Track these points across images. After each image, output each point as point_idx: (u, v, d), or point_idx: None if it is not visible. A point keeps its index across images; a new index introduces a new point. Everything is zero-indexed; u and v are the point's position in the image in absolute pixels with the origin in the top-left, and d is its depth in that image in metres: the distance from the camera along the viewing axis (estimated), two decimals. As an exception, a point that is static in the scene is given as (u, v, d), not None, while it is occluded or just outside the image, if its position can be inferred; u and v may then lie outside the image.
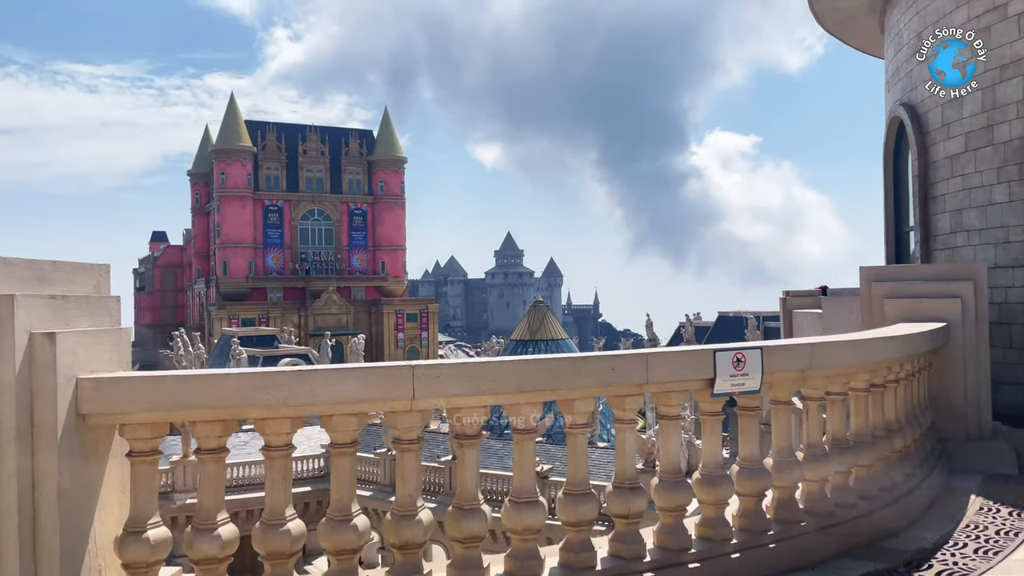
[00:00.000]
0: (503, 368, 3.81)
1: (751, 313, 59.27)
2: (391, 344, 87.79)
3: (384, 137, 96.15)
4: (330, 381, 3.52)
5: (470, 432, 3.84)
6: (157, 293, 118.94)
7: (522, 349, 49.25)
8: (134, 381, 3.39)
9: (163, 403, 3.42)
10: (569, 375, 3.96)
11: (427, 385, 3.63)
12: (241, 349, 42.91)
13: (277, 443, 3.60)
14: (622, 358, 4.10)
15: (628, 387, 4.12)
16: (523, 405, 3.87)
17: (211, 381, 3.45)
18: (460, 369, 3.72)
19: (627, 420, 4.22)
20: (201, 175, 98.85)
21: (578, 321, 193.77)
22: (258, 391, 3.46)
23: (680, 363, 4.34)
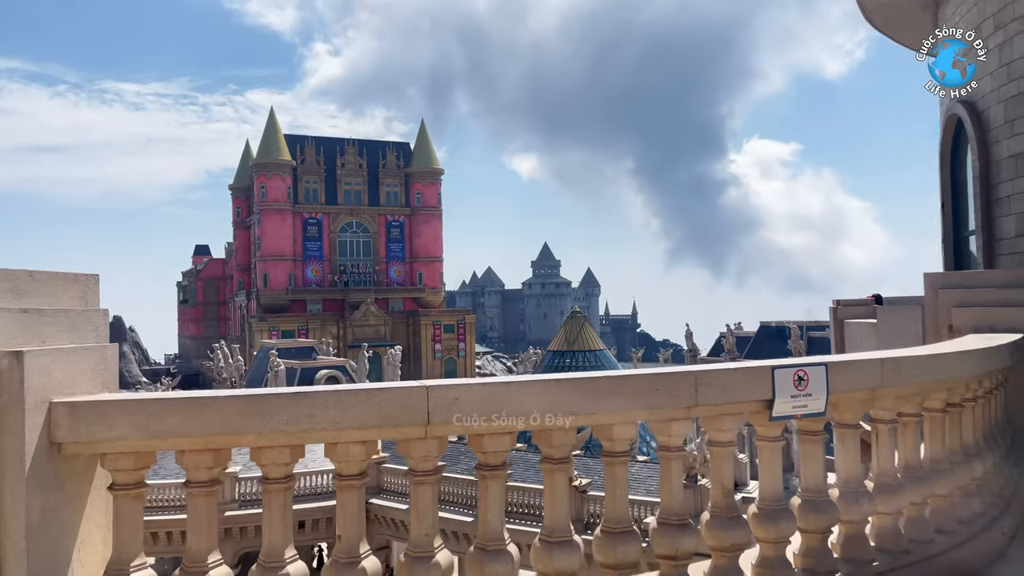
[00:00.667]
0: (530, 389, 3.34)
1: (794, 323, 57.83)
2: (429, 355, 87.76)
3: (421, 149, 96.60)
4: (333, 405, 3.09)
5: (494, 462, 3.37)
6: (200, 305, 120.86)
7: (559, 360, 48.62)
8: (112, 405, 2.99)
9: (145, 430, 3.01)
10: (606, 396, 3.47)
11: (443, 409, 3.18)
12: (279, 361, 42.99)
13: (275, 475, 3.18)
14: (667, 377, 3.60)
15: (674, 410, 3.61)
16: (554, 431, 3.40)
17: (198, 406, 3.03)
18: (481, 390, 3.26)
19: (673, 448, 3.71)
20: (242, 189, 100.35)
21: (616, 331, 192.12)
22: (251, 416, 3.04)
23: (734, 382, 3.81)
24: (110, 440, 3.01)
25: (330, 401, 3.09)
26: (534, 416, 3.30)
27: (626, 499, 3.71)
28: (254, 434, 3.05)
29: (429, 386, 3.18)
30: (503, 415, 3.25)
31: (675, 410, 3.61)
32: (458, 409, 3.20)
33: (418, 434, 3.21)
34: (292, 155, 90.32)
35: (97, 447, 3.06)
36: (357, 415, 3.12)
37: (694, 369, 3.61)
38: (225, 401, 3.05)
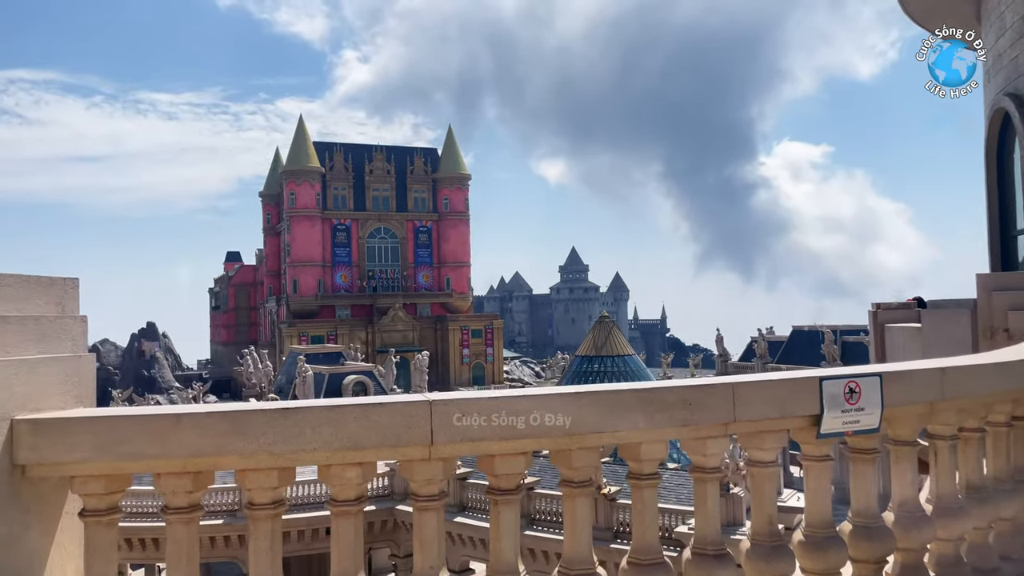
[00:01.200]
0: (547, 404, 2.96)
1: (828, 327, 56.69)
2: (456, 360, 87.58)
3: (448, 155, 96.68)
4: (325, 422, 2.74)
5: (506, 486, 3.01)
6: (231, 311, 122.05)
7: (587, 365, 48.07)
8: (76, 423, 2.68)
9: (115, 450, 2.69)
10: (633, 412, 3.08)
11: (449, 426, 2.82)
12: (307, 367, 43.02)
13: (261, 500, 2.85)
14: (702, 390, 3.20)
15: (710, 427, 3.22)
16: (575, 451, 3.02)
17: (173, 423, 2.70)
18: (491, 405, 2.89)
19: (709, 468, 3.31)
20: (272, 196, 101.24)
21: (645, 336, 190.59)
22: (232, 436, 2.70)
23: (776, 394, 3.40)
24: (76, 462, 2.70)
25: (321, 418, 2.75)
26: (554, 435, 2.93)
27: (656, 526, 3.32)
28: (236, 455, 2.72)
29: (433, 400, 2.82)
30: (518, 433, 2.88)
31: (711, 427, 3.21)
32: (466, 426, 2.84)
33: (421, 454, 2.85)
34: (321, 162, 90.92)
35: (64, 469, 2.75)
36: (352, 434, 2.77)
37: (732, 381, 3.22)
38: (203, 419, 2.71)
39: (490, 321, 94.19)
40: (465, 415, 2.84)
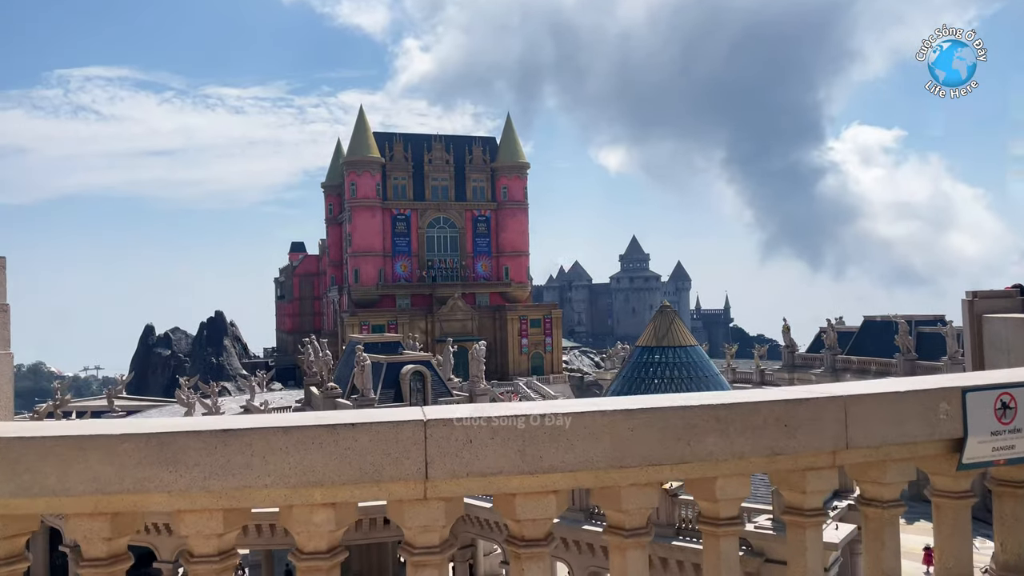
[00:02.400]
0: (585, 424, 2.16)
1: (901, 317, 54.12)
2: (515, 350, 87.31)
3: (507, 143, 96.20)
4: (278, 448, 2.00)
5: (532, 534, 2.23)
6: (295, 301, 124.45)
7: (648, 355, 46.80)
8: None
9: (8, 484, 2.01)
10: (706, 435, 2.26)
11: (451, 454, 2.06)
12: (365, 356, 42.99)
13: (203, 550, 2.14)
14: (802, 406, 2.35)
15: (813, 455, 2.37)
16: (624, 490, 2.22)
17: (75, 449, 2.00)
18: (509, 426, 2.11)
19: (809, 511, 2.46)
20: (334, 187, 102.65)
21: (707, 326, 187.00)
22: (156, 466, 1.99)
23: (901, 411, 2.51)
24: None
25: (275, 443, 2.00)
26: (594, 468, 2.13)
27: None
28: (163, 492, 2.01)
29: (428, 420, 2.06)
30: (544, 466, 2.09)
31: (813, 455, 2.36)
32: (474, 454, 2.07)
33: (412, 493, 2.09)
34: (381, 152, 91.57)
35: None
36: (317, 465, 2.02)
37: (842, 393, 2.35)
38: (116, 443, 2.00)
39: (549, 311, 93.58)
40: (473, 439, 2.07)
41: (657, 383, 45.56)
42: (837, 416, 2.35)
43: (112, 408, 47.80)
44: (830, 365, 49.83)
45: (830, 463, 2.40)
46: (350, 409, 2.22)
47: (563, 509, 2.24)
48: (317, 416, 2.11)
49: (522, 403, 2.34)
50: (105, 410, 47.42)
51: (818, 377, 51.28)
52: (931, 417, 2.49)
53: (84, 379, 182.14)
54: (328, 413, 2.17)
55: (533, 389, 66.66)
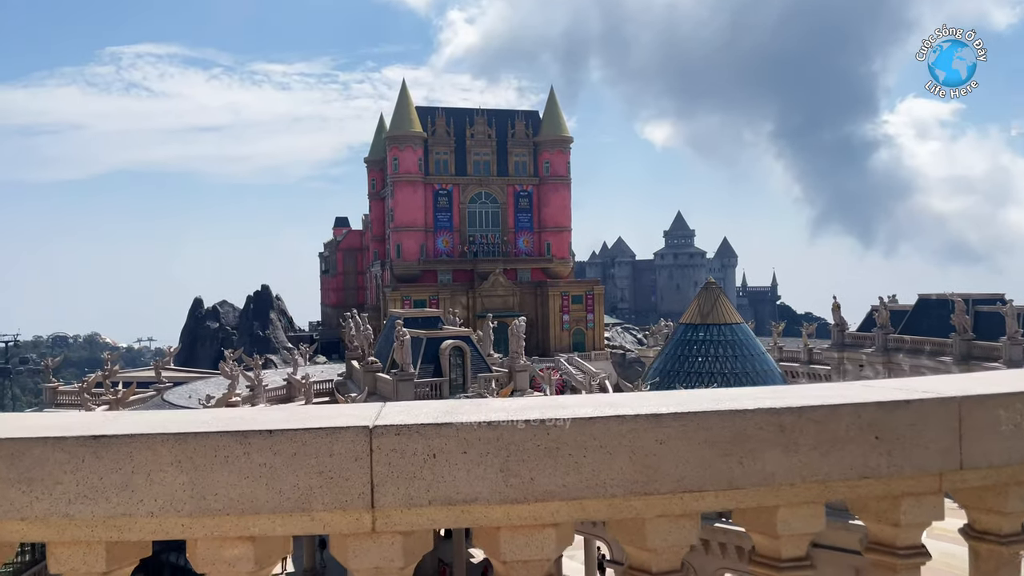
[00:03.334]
0: (595, 432, 1.55)
1: (959, 295, 52.10)
2: (556, 326, 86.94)
3: (550, 117, 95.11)
4: (170, 462, 1.45)
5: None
6: (339, 275, 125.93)
7: (692, 333, 45.82)
8: None
9: None
10: (764, 449, 1.64)
11: (406, 474, 1.48)
12: (405, 331, 42.91)
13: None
14: (900, 409, 1.71)
15: (912, 478, 1.74)
16: (650, 522, 1.63)
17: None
18: (490, 434, 1.51)
19: (903, 548, 1.83)
20: (377, 162, 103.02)
21: (753, 304, 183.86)
22: (6, 484, 1.45)
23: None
24: None
25: (163, 454, 1.44)
26: (607, 496, 1.53)
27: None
28: (16, 519, 1.48)
29: (376, 426, 1.48)
30: (536, 492, 1.50)
31: (913, 477, 1.73)
32: (441, 475, 1.48)
33: (356, 525, 1.52)
34: (423, 127, 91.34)
35: None
36: (222, 485, 1.46)
37: (957, 391, 1.71)
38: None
39: (591, 287, 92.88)
40: (438, 453, 1.48)
41: (701, 361, 44.66)
42: (948, 424, 1.71)
43: (159, 379, 48.67)
44: (882, 344, 48.19)
45: (935, 488, 1.76)
46: (308, 406, 1.63)
47: (567, 545, 1.65)
48: (224, 418, 1.55)
49: (509, 401, 1.75)
50: (152, 381, 48.33)
51: (868, 357, 49.75)
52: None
53: (138, 350, 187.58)
54: (243, 414, 1.60)
55: (574, 365, 66.11)
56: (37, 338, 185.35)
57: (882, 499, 1.79)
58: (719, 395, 1.72)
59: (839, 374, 52.42)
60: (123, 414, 1.71)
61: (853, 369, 52.05)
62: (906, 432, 1.70)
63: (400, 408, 1.60)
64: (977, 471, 1.75)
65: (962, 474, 1.74)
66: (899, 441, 1.70)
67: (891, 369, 48.87)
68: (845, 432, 1.67)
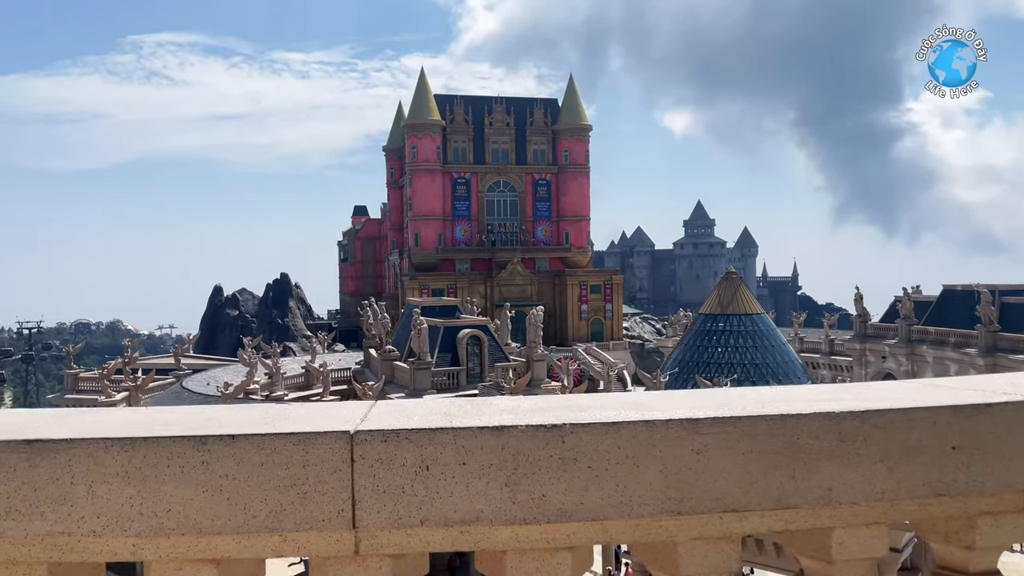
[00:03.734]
0: (618, 440, 1.30)
1: (984, 286, 51.23)
2: (575, 316, 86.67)
3: (569, 105, 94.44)
4: (115, 473, 1.22)
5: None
6: (358, 264, 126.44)
7: (711, 323, 45.38)
8: None
9: None
10: (820, 463, 1.38)
11: (394, 488, 1.24)
12: (422, 319, 42.82)
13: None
14: (982, 414, 1.45)
15: (994, 496, 1.48)
16: (684, 545, 1.38)
17: None
18: (493, 444, 1.27)
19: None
20: (395, 150, 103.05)
21: (774, 294, 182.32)
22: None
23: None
24: None
25: (108, 464, 1.23)
26: (633, 515, 1.28)
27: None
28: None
29: (359, 431, 1.24)
30: (548, 513, 1.26)
31: (994, 494, 1.47)
32: (435, 490, 1.24)
33: (336, 547, 1.29)
34: (442, 115, 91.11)
35: None
36: (177, 500, 1.23)
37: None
38: None
39: (610, 276, 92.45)
40: (432, 464, 1.24)
41: (721, 352, 44.21)
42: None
43: (179, 366, 48.99)
44: (905, 336, 47.43)
45: (1019, 506, 1.50)
46: (284, 404, 1.36)
47: (585, 570, 1.41)
48: (180, 420, 1.32)
49: (517, 401, 1.50)
50: (172, 368, 48.65)
51: (891, 348, 49.06)
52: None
53: (159, 337, 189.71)
54: (207, 413, 1.37)
55: (592, 355, 65.84)
56: (60, 325, 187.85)
57: (955, 519, 1.52)
58: (765, 395, 1.46)
59: (861, 365, 51.77)
60: (68, 414, 1.48)
61: (875, 361, 51.35)
62: (989, 441, 1.44)
63: (390, 409, 1.36)
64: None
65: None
66: (979, 452, 1.43)
67: (914, 361, 48.17)
68: (917, 442, 1.41)
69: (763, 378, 40.29)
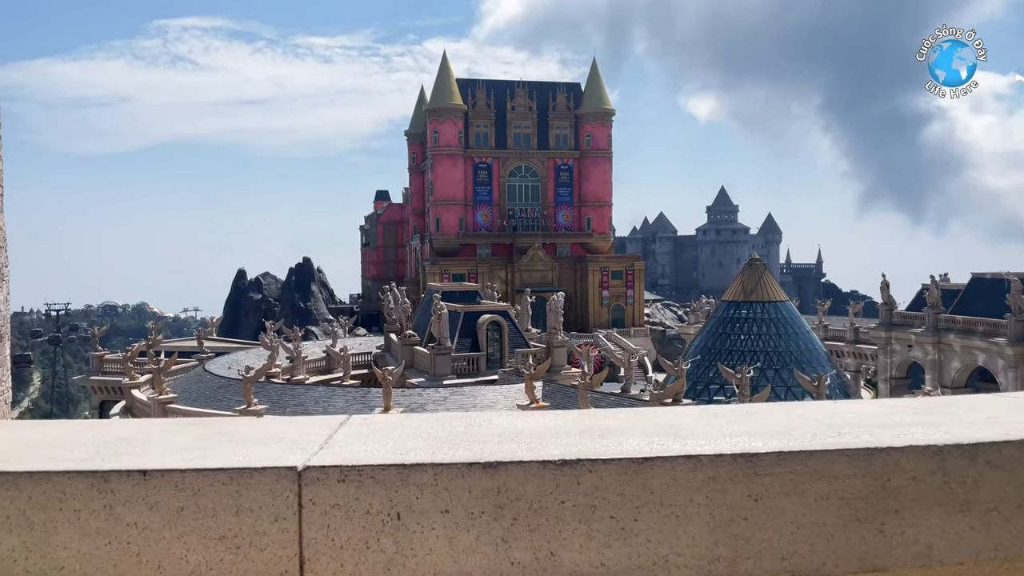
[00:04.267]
0: (649, 481, 0.97)
1: (1014, 275, 50.15)
2: (596, 302, 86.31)
3: (592, 89, 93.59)
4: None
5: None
6: (380, 248, 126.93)
7: (735, 311, 44.80)
8: None
9: None
10: (917, 512, 1.05)
11: (355, 544, 0.94)
12: (442, 304, 42.72)
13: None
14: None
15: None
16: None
17: None
18: (486, 485, 0.95)
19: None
20: (417, 135, 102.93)
21: (798, 281, 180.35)
22: None
23: None
24: None
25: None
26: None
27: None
28: None
29: (308, 467, 0.93)
30: (561, 567, 0.94)
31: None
32: (408, 546, 0.93)
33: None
34: (464, 99, 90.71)
35: None
36: (73, 555, 0.93)
37: None
38: None
39: (631, 262, 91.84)
40: (404, 511, 0.93)
41: (744, 339, 43.60)
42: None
43: (202, 349, 49.32)
44: (932, 324, 46.51)
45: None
46: (245, 413, 1.04)
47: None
48: (86, 439, 1.01)
49: (517, 419, 1.18)
50: (195, 351, 48.99)
51: (918, 337, 48.20)
52: None
53: (184, 320, 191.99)
54: (117, 429, 1.05)
55: (613, 341, 65.43)
56: (88, 307, 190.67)
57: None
58: (838, 415, 1.11)
59: (886, 354, 50.94)
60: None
61: (901, 349, 50.50)
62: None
63: (360, 431, 1.05)
64: None
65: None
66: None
67: (941, 350, 47.29)
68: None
69: (787, 367, 39.71)
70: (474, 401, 32.31)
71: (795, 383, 37.47)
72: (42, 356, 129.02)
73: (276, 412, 30.39)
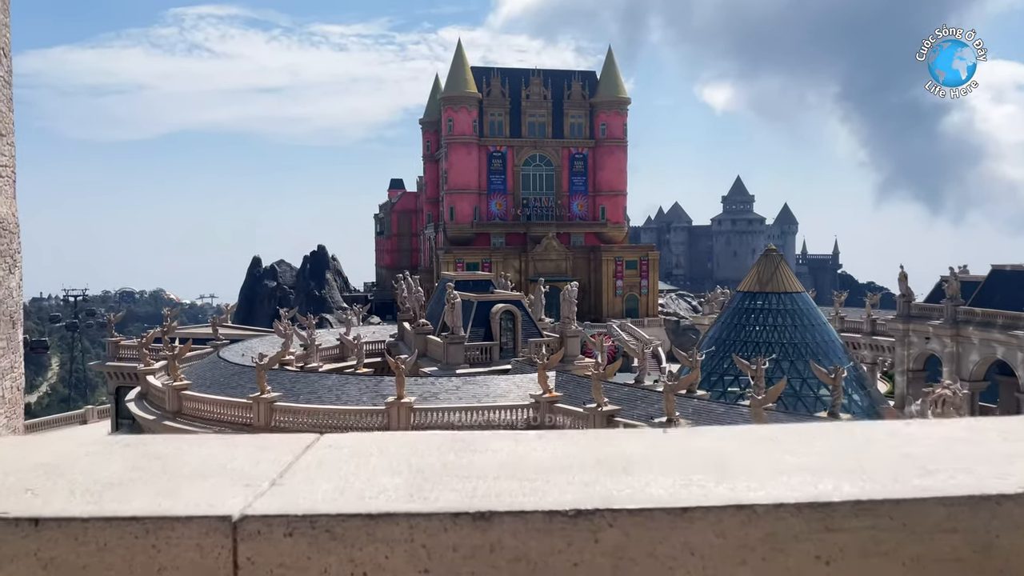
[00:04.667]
0: (690, 539, 0.73)
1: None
2: (610, 292, 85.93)
3: (607, 78, 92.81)
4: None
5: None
6: (394, 237, 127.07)
7: (750, 302, 44.32)
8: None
9: None
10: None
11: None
12: (455, 293, 42.57)
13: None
14: None
15: None
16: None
17: None
18: (475, 541, 0.73)
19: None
20: (431, 124, 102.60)
21: (814, 272, 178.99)
22: None
23: None
24: None
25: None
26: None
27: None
28: None
29: (246, 516, 0.72)
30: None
31: None
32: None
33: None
34: (478, 88, 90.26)
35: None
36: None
37: None
38: None
39: (646, 252, 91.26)
40: (375, 572, 0.72)
41: (759, 331, 43.12)
42: None
43: (216, 336, 49.48)
44: (951, 316, 45.83)
45: None
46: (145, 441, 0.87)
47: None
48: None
49: (524, 443, 0.94)
50: (210, 338, 49.15)
51: (936, 329, 47.53)
52: None
53: (200, 307, 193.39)
54: (35, 454, 0.84)
55: (627, 332, 65.12)
56: (105, 293, 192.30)
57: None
58: (912, 443, 0.87)
59: (904, 346, 50.29)
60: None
61: (919, 342, 49.85)
62: None
63: (325, 458, 0.81)
64: None
65: None
66: None
67: (959, 343, 46.64)
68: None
69: (802, 358, 39.26)
70: (487, 391, 32.13)
71: (811, 375, 37.06)
72: (60, 341, 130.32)
73: (289, 400, 30.38)
